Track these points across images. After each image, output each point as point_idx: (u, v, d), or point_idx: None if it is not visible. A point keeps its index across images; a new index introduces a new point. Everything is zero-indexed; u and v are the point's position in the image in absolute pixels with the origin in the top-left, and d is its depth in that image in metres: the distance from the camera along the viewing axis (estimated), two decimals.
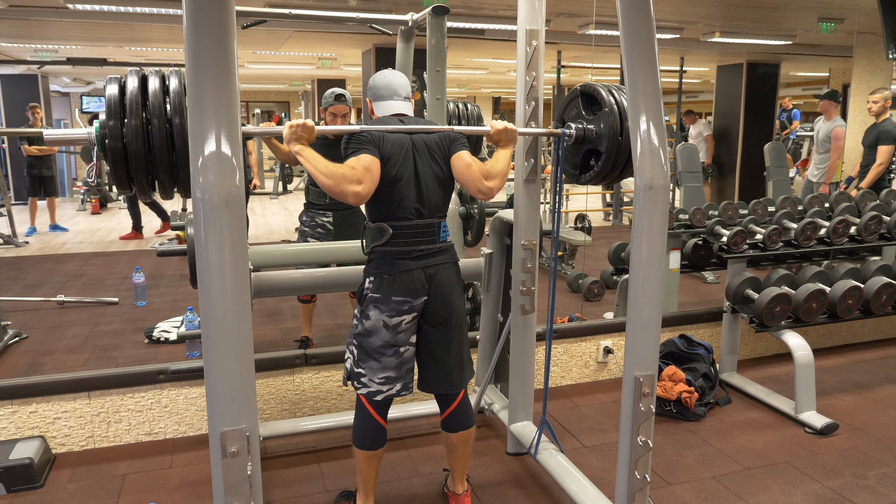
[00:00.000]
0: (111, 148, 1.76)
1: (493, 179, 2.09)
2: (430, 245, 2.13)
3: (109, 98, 1.77)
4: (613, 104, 2.21)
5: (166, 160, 1.78)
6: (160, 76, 1.82)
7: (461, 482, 2.36)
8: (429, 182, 2.11)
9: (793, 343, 3.16)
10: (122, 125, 1.75)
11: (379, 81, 2.21)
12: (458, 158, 2.12)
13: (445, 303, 2.15)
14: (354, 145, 2.02)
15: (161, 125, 1.75)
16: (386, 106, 2.19)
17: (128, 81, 1.79)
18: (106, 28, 6.86)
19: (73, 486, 2.57)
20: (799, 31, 7.34)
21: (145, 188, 1.83)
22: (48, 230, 8.07)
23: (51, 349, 3.98)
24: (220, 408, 1.58)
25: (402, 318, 2.11)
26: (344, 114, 3.42)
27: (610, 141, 2.20)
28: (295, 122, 1.89)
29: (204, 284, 1.53)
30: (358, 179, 1.92)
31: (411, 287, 2.09)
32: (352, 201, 1.94)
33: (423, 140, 2.12)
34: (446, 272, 2.16)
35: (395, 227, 2.08)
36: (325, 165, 1.89)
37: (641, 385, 1.89)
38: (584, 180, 2.39)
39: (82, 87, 13.44)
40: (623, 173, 2.31)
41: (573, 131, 2.31)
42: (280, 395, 3.04)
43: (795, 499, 2.49)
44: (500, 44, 7.90)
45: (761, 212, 4.02)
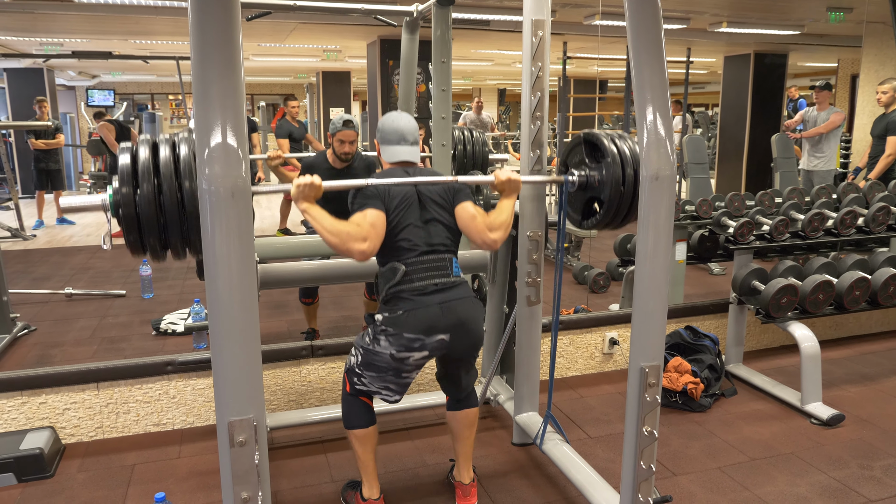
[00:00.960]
0: (124, 215, 1.80)
1: (497, 231, 2.12)
2: (444, 279, 2.12)
3: (122, 167, 1.82)
4: (616, 153, 2.23)
5: (178, 225, 1.82)
6: (170, 143, 1.86)
7: (467, 471, 2.37)
8: (436, 226, 2.15)
9: (799, 334, 3.15)
10: (134, 193, 1.80)
11: (388, 125, 2.24)
12: (462, 209, 2.16)
13: (470, 340, 2.16)
14: (360, 200, 2.05)
15: (172, 192, 1.79)
16: (393, 152, 2.22)
17: (139, 151, 1.83)
18: (110, 21, 6.87)
19: (82, 475, 2.59)
20: (807, 20, 7.28)
21: (158, 252, 1.87)
22: (55, 223, 8.11)
23: (59, 341, 4.01)
24: (227, 398, 1.59)
25: (411, 355, 2.09)
26: (352, 140, 3.46)
27: (612, 190, 2.22)
28: (302, 182, 1.91)
29: (211, 276, 1.54)
30: (363, 237, 1.96)
31: (427, 323, 2.06)
32: (357, 259, 1.96)
33: (427, 190, 2.16)
34: (465, 306, 2.13)
35: (408, 264, 2.09)
36: (331, 224, 1.92)
37: (647, 375, 1.89)
38: (586, 226, 2.42)
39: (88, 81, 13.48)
40: (626, 220, 2.33)
41: (576, 178, 2.34)
42: (287, 387, 3.05)
43: (801, 489, 2.49)
44: (506, 35, 7.87)
45: (768, 203, 4.01)
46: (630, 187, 2.20)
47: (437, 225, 2.15)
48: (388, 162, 2.24)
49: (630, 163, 2.20)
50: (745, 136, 9.58)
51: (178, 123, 17.88)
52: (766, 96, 9.53)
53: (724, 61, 9.92)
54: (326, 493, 2.46)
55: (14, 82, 10.65)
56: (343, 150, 3.46)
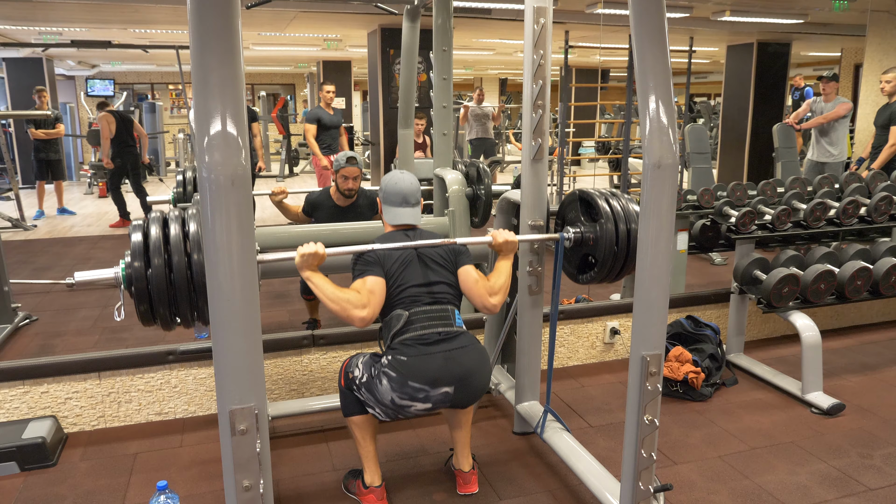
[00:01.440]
0: (136, 289, 1.89)
1: (497, 296, 2.19)
2: (447, 328, 2.14)
3: (134, 244, 1.91)
4: (609, 213, 2.29)
5: (187, 296, 1.89)
6: (180, 220, 1.93)
7: (466, 458, 2.38)
8: (437, 284, 2.19)
9: (800, 324, 3.15)
10: (145, 269, 1.88)
11: (390, 187, 2.28)
12: (465, 273, 2.22)
13: (473, 390, 2.17)
14: (361, 267, 2.11)
15: (181, 266, 1.87)
16: (395, 214, 2.28)
17: (151, 228, 1.91)
18: (110, 10, 6.83)
19: (85, 464, 2.60)
20: (811, 9, 7.23)
21: (168, 321, 1.95)
22: (56, 214, 8.11)
23: (61, 331, 4.01)
24: (228, 386, 1.59)
25: (413, 405, 2.10)
26: (355, 176, 3.56)
27: (606, 249, 2.29)
28: (306, 251, 1.97)
29: (211, 264, 1.54)
30: (363, 304, 2.02)
31: (432, 374, 2.07)
32: (357, 325, 2.02)
33: (428, 252, 2.21)
34: (470, 356, 2.14)
35: (411, 312, 2.12)
36: (332, 292, 1.98)
37: (648, 364, 1.89)
38: (582, 280, 2.48)
39: (87, 71, 13.43)
40: (620, 275, 2.39)
41: (571, 236, 2.40)
42: (288, 376, 3.06)
43: (801, 478, 2.50)
44: (507, 24, 7.82)
45: (770, 192, 4.00)
46: (623, 245, 2.28)
47: (439, 282, 2.19)
48: (390, 224, 2.30)
49: (623, 219, 2.28)
50: (747, 125, 9.54)
51: (178, 114, 17.83)
52: (769, 86, 9.48)
53: (727, 50, 9.87)
54: (328, 482, 2.47)
55: (13, 72, 10.61)
56: (347, 186, 3.56)
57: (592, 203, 2.35)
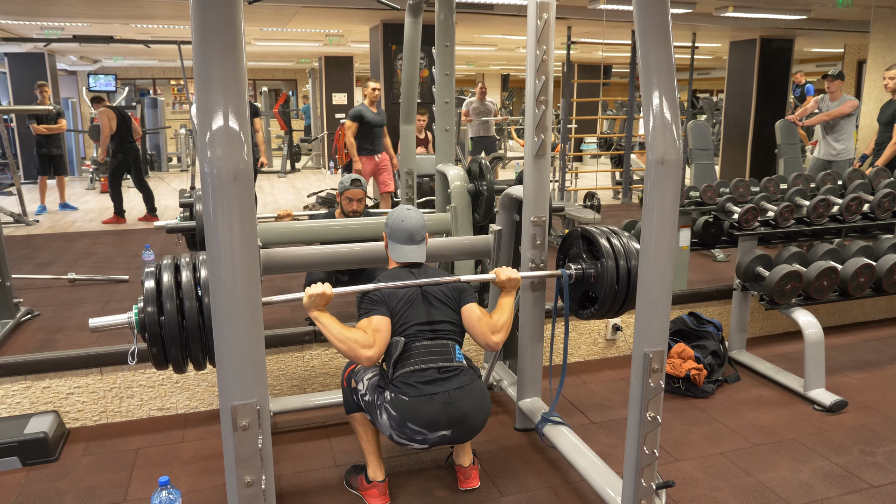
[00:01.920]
0: (149, 333, 1.92)
1: (499, 334, 2.22)
2: (447, 363, 2.15)
3: (147, 290, 1.94)
4: (610, 252, 2.33)
5: (199, 340, 1.92)
6: (191, 266, 1.97)
7: (466, 454, 2.38)
8: (440, 320, 2.20)
9: (803, 321, 3.14)
10: (158, 315, 1.92)
11: (397, 224, 2.29)
12: (468, 311, 2.24)
13: (470, 432, 2.21)
14: (366, 306, 2.15)
15: (192, 312, 1.90)
16: (400, 252, 2.29)
17: (163, 275, 1.95)
18: (112, 4, 6.81)
19: (87, 459, 2.60)
20: (815, 4, 7.19)
21: (180, 364, 1.98)
22: (58, 209, 8.11)
23: (62, 326, 4.01)
24: (230, 382, 1.59)
25: (411, 444, 2.14)
26: (359, 198, 3.59)
27: (607, 287, 2.33)
28: (314, 292, 2.01)
29: (213, 259, 1.53)
30: (369, 344, 2.04)
31: (430, 417, 2.09)
32: (364, 364, 2.06)
33: (432, 290, 2.22)
34: (470, 399, 2.16)
35: (412, 347, 2.14)
36: (339, 331, 2.02)
37: (651, 361, 1.89)
38: (583, 316, 2.51)
39: (89, 66, 13.41)
40: (621, 311, 2.43)
41: (573, 272, 2.43)
42: (290, 372, 3.06)
43: (803, 475, 2.49)
44: (509, 19, 7.79)
45: (773, 189, 3.98)
46: (624, 283, 2.31)
47: (442, 321, 2.21)
48: (395, 261, 2.31)
49: (624, 256, 2.31)
50: (749, 122, 9.51)
51: (180, 109, 17.81)
52: (772, 82, 9.45)
53: (730, 46, 9.83)
54: (329, 477, 2.47)
55: (15, 67, 10.60)
56: (351, 207, 3.58)
57: (594, 241, 2.39)
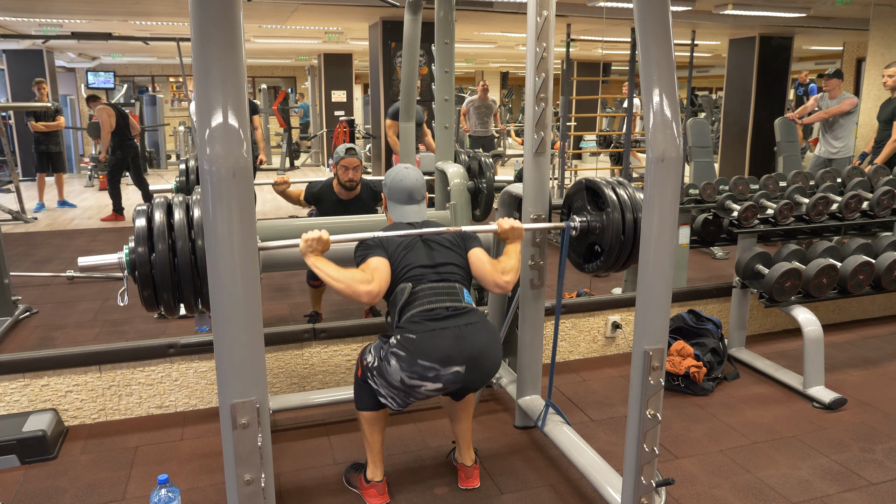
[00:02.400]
0: (140, 274, 1.87)
1: (509, 274, 2.17)
2: (456, 303, 2.09)
3: (138, 229, 1.88)
4: (616, 202, 2.27)
5: (190, 281, 1.88)
6: (184, 206, 1.91)
7: (468, 452, 2.37)
8: (444, 262, 2.15)
9: (802, 318, 3.14)
10: (149, 253, 1.87)
11: (395, 183, 2.26)
12: (474, 255, 2.21)
13: (485, 370, 2.13)
14: (362, 251, 2.11)
15: (185, 252, 1.85)
16: (400, 212, 2.26)
17: (154, 213, 1.89)
18: (110, 1, 6.80)
19: (85, 457, 2.60)
20: (814, 2, 7.19)
21: (171, 307, 1.94)
22: (56, 206, 8.10)
23: (61, 324, 4.01)
24: (230, 380, 1.58)
25: (424, 385, 2.03)
26: (355, 166, 3.53)
27: (612, 238, 2.28)
28: (310, 236, 1.96)
29: (212, 256, 1.53)
30: (368, 280, 2.00)
31: (442, 351, 2.00)
32: (366, 300, 2.00)
33: (434, 237, 2.18)
34: (481, 335, 2.08)
35: (417, 287, 2.09)
36: (336, 271, 1.97)
37: (651, 358, 1.89)
38: (588, 269, 2.46)
39: (88, 63, 13.39)
40: (626, 265, 2.38)
41: (578, 224, 2.38)
42: (289, 370, 3.06)
43: (803, 472, 2.50)
44: (509, 17, 7.78)
45: (772, 187, 3.98)
46: (630, 235, 2.26)
47: (447, 263, 2.16)
48: (394, 220, 2.28)
49: (630, 209, 2.26)
50: (749, 119, 9.51)
51: (179, 106, 17.77)
52: (771, 80, 9.45)
53: (729, 44, 9.83)
54: (329, 475, 2.47)
55: (13, 64, 10.57)
56: (347, 176, 3.53)
57: (599, 192, 2.32)
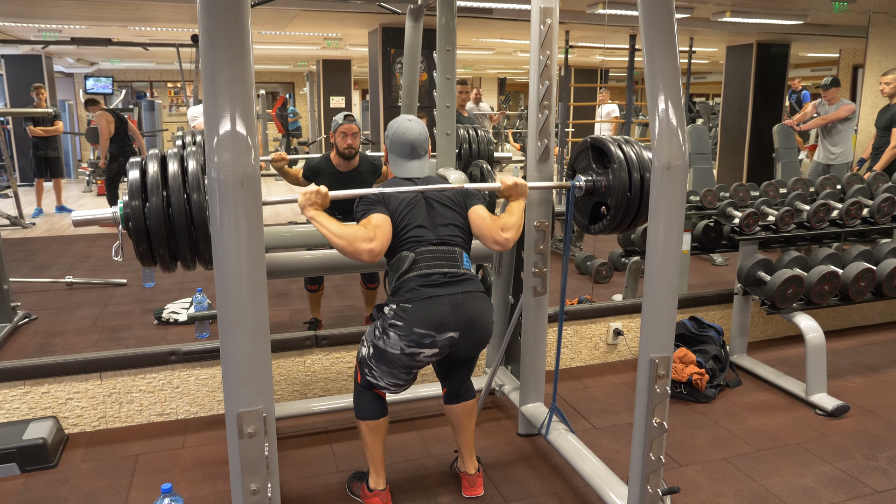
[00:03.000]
0: (134, 227, 1.82)
1: (509, 231, 2.12)
2: (454, 269, 2.08)
3: (132, 181, 1.83)
4: (622, 159, 2.22)
5: (186, 236, 1.83)
6: (179, 158, 1.87)
7: (471, 461, 2.36)
8: (444, 223, 2.13)
9: (804, 325, 3.14)
10: (143, 206, 1.82)
11: (398, 136, 2.21)
12: (474, 212, 2.16)
13: (478, 340, 2.13)
14: (364, 207, 2.07)
15: (180, 204, 1.81)
16: (402, 167, 2.22)
17: (148, 166, 1.84)
18: (110, 7, 6.80)
19: (86, 465, 2.58)
20: (811, 10, 7.23)
21: (167, 262, 1.89)
22: (54, 211, 8.07)
23: (60, 330, 3.99)
24: (236, 389, 1.57)
25: (422, 351, 2.06)
26: (354, 132, 3.47)
27: (619, 196, 2.23)
28: (309, 190, 1.93)
29: (219, 265, 1.52)
30: (369, 237, 1.96)
31: (437, 318, 2.02)
32: (366, 259, 1.96)
33: (435, 194, 2.15)
34: (476, 304, 2.09)
35: (417, 252, 2.07)
36: (337, 228, 1.93)
37: (657, 367, 1.88)
38: (594, 230, 2.42)
39: (86, 68, 13.38)
40: (633, 224, 2.33)
41: (583, 184, 2.34)
42: (291, 377, 3.04)
43: (807, 480, 2.49)
44: (508, 23, 7.81)
45: (773, 193, 3.99)
46: (637, 193, 2.21)
47: (446, 223, 2.14)
48: (395, 175, 2.24)
49: (637, 168, 2.21)
50: (746, 126, 9.54)
51: (177, 112, 17.76)
52: (769, 86, 9.49)
53: (727, 51, 9.87)
54: (332, 484, 2.46)
55: (12, 69, 10.56)
56: (346, 143, 3.45)
57: (605, 150, 2.26)
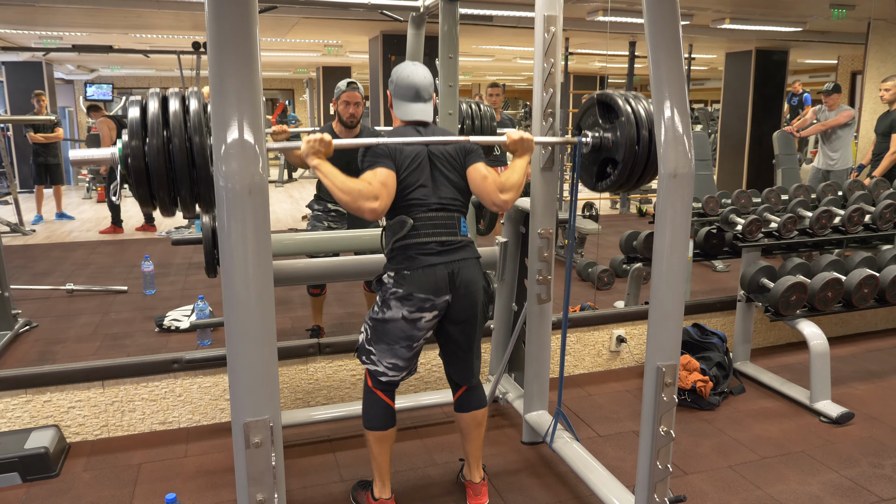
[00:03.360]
0: (134, 167, 1.76)
1: (509, 192, 2.11)
2: (450, 237, 2.11)
3: (132, 120, 1.77)
4: (630, 113, 2.20)
5: (187, 178, 1.78)
6: (180, 97, 1.82)
7: (477, 470, 2.35)
8: (446, 185, 2.12)
9: (808, 332, 3.14)
10: (143, 145, 1.76)
11: (403, 79, 2.18)
12: (474, 170, 2.14)
13: (469, 301, 2.14)
14: (370, 159, 2.04)
15: (182, 144, 1.75)
16: (406, 110, 2.18)
17: (149, 103, 1.79)
18: (111, 14, 6.82)
19: (88, 475, 2.57)
20: (810, 17, 7.26)
21: (167, 205, 1.84)
22: (54, 218, 8.06)
23: (61, 337, 3.98)
24: (243, 399, 1.56)
25: (423, 316, 2.09)
26: (357, 101, 3.40)
27: (627, 150, 2.20)
28: (312, 137, 1.91)
29: (227, 273, 1.51)
30: (374, 195, 1.95)
31: (434, 284, 2.06)
32: (368, 217, 1.96)
33: (439, 150, 2.14)
34: (470, 270, 2.13)
35: (416, 219, 2.07)
36: (342, 181, 1.91)
37: (664, 375, 1.88)
38: (600, 188, 2.40)
39: (86, 75, 13.39)
40: (640, 181, 2.31)
41: (590, 140, 2.31)
42: (294, 385, 3.03)
43: (812, 488, 2.48)
44: (507, 31, 7.84)
45: (775, 200, 3.99)
46: (645, 148, 2.17)
47: (448, 185, 2.12)
48: (400, 119, 2.20)
49: (645, 124, 2.17)
50: (746, 132, 9.56)
51: None
52: (768, 93, 9.52)
53: (726, 57, 9.90)
54: (336, 493, 2.44)
55: (12, 76, 10.57)
56: (348, 111, 3.41)
57: (612, 105, 2.24)
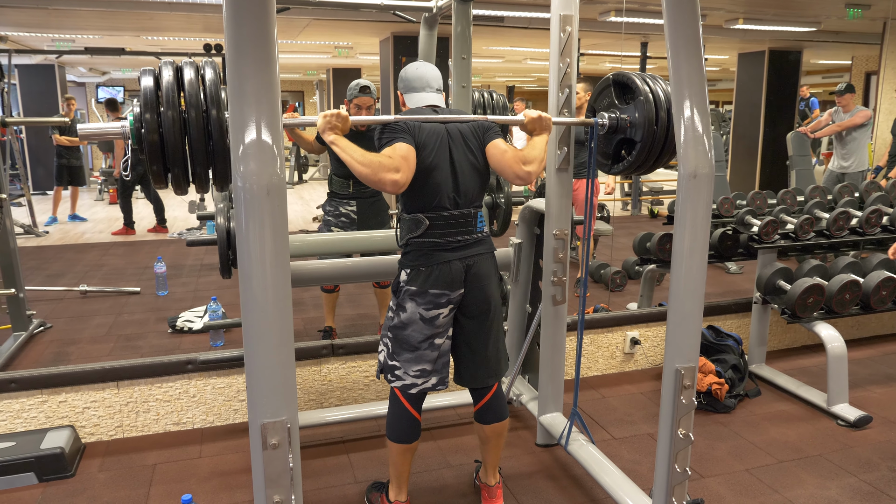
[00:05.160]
0: (148, 141, 1.69)
1: (531, 164, 2.02)
2: (467, 236, 2.09)
3: (145, 90, 1.70)
4: (648, 93, 2.16)
5: (203, 152, 1.72)
6: (195, 67, 1.77)
7: (493, 474, 2.33)
8: (465, 171, 2.08)
9: (825, 335, 3.10)
10: (158, 117, 1.68)
11: (411, 73, 2.18)
12: (493, 147, 2.09)
13: (483, 294, 2.12)
14: (389, 135, 2.00)
15: (198, 116, 1.68)
16: (418, 97, 2.16)
17: (163, 73, 1.72)
18: (123, 17, 6.85)
19: (104, 475, 2.57)
20: (824, 17, 7.20)
21: (181, 181, 1.77)
22: (67, 220, 8.12)
23: (75, 338, 3.99)
24: (261, 400, 1.56)
25: (440, 312, 2.08)
26: (368, 105, 3.41)
27: (645, 130, 2.15)
28: (329, 112, 1.89)
29: (245, 274, 1.51)
30: (396, 168, 1.90)
31: (449, 279, 2.05)
32: (390, 190, 1.91)
33: (457, 129, 2.10)
34: (484, 263, 2.12)
35: (432, 218, 2.05)
36: (361, 154, 1.88)
37: (683, 377, 1.86)
38: (616, 170, 2.35)
39: (98, 77, 13.49)
40: (657, 163, 2.26)
41: (606, 121, 2.27)
42: (307, 386, 3.03)
43: (832, 492, 2.45)
44: (518, 31, 7.82)
45: (790, 201, 3.96)
46: (663, 128, 2.13)
47: (467, 170, 2.08)
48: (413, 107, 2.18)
49: (663, 104, 2.13)
50: (759, 133, 9.49)
51: None
52: (781, 94, 9.44)
53: (739, 58, 9.83)
54: (350, 494, 2.43)
55: (25, 78, 10.65)
56: (359, 115, 3.39)
57: (629, 84, 2.19)
